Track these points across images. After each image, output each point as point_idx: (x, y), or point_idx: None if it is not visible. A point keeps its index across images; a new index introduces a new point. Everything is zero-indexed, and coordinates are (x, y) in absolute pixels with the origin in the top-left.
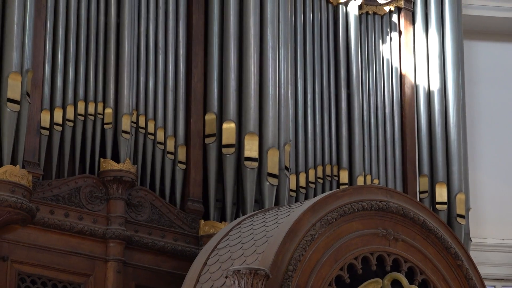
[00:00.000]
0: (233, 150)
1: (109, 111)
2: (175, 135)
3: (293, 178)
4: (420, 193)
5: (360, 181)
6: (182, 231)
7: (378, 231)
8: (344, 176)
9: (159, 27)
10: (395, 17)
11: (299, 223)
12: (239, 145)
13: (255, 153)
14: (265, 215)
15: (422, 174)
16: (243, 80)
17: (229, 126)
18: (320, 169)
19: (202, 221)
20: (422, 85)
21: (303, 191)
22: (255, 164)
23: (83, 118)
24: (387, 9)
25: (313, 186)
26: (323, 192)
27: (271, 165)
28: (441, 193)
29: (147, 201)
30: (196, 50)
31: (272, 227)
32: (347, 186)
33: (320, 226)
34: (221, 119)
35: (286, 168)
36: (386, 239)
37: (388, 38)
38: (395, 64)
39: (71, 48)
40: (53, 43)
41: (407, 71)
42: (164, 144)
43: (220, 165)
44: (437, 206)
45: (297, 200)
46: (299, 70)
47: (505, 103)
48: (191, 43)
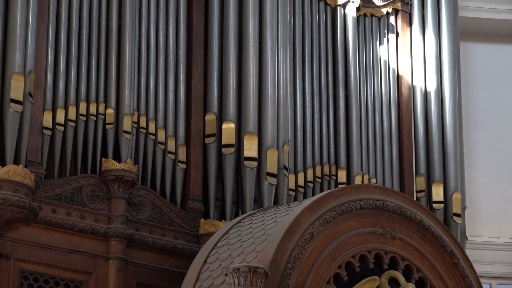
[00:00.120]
0: (232, 150)
1: (110, 111)
2: (175, 135)
3: (291, 178)
4: (417, 192)
5: (357, 180)
6: (183, 230)
7: (375, 229)
8: (342, 176)
9: (159, 28)
10: (392, 19)
11: (297, 222)
12: (239, 145)
13: (254, 153)
14: (264, 214)
15: (419, 173)
16: (243, 81)
17: (228, 126)
18: (318, 169)
19: (202, 220)
20: (419, 85)
21: (301, 190)
22: (255, 164)
23: (85, 118)
24: (384, 11)
25: (311, 185)
26: (321, 191)
27: (270, 164)
28: (437, 192)
29: (148, 200)
30: (196, 51)
31: (271, 225)
32: (345, 185)
33: (318, 224)
34: (221, 119)
35: (285, 168)
36: (383, 238)
37: (385, 39)
38: (393, 65)
39: (73, 49)
40: (56, 45)
41: (404, 72)
42: (165, 144)
43: (220, 165)
44: (434, 205)
45: (295, 199)
46: (298, 71)
47: (500, 103)
48: (191, 44)
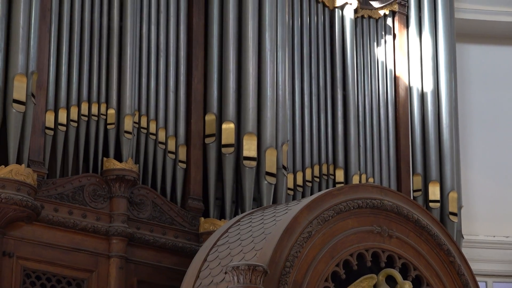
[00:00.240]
0: (232, 149)
1: (112, 111)
2: (176, 135)
3: (290, 177)
4: (414, 191)
5: (355, 180)
6: (183, 228)
7: (373, 228)
8: (340, 175)
9: (160, 30)
10: (389, 21)
11: (296, 220)
12: (238, 145)
13: (253, 153)
14: (263, 213)
15: (415, 173)
16: (242, 82)
17: (228, 127)
18: (316, 168)
19: (202, 219)
20: (416, 86)
21: (300, 189)
22: (254, 164)
23: (86, 119)
24: (382, 13)
25: (310, 184)
26: (319, 190)
27: (269, 164)
28: (434, 192)
29: (148, 199)
30: (196, 52)
31: (270, 224)
32: (343, 184)
33: (316, 223)
34: (220, 119)
35: (284, 167)
36: (380, 236)
37: (382, 41)
38: (390, 66)
39: (75, 51)
40: (58, 46)
41: (401, 73)
42: (165, 144)
43: (219, 164)
44: (430, 204)
45: (294, 198)
46: (296, 72)
47: (496, 104)
48: (191, 45)
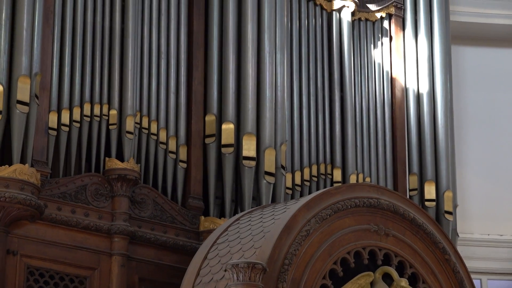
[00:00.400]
0: (232, 149)
1: (113, 112)
2: (176, 135)
3: (289, 177)
4: (410, 190)
5: (352, 179)
6: (183, 227)
7: (369, 227)
8: (337, 175)
9: (161, 32)
10: (386, 23)
11: (294, 219)
12: (238, 145)
13: (253, 153)
14: (262, 211)
15: (411, 172)
16: (242, 83)
17: (228, 127)
18: (314, 168)
19: (202, 217)
20: (412, 88)
21: (298, 188)
22: (253, 163)
23: (89, 119)
24: (378, 15)
25: (308, 184)
26: (317, 189)
27: (268, 164)
28: (429, 191)
29: (150, 198)
30: (196, 54)
31: (269, 223)
32: (340, 184)
33: (314, 222)
34: (220, 120)
35: (282, 167)
36: (377, 235)
37: (379, 43)
38: (386, 68)
39: (77, 52)
40: (61, 48)
41: (398, 75)
42: (166, 144)
43: (219, 164)
44: (426, 203)
45: (292, 197)
46: (295, 73)
47: (490, 105)
48: (191, 47)
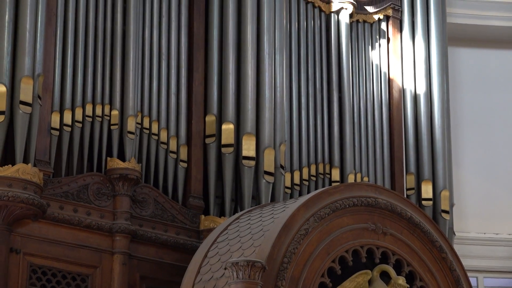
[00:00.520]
0: (231, 149)
1: (115, 113)
2: (177, 135)
3: (288, 176)
4: (407, 190)
5: (351, 178)
6: (184, 226)
7: (367, 225)
8: (335, 174)
9: (162, 34)
10: (383, 25)
11: (293, 218)
12: (237, 145)
13: (252, 153)
14: (261, 210)
15: (409, 172)
16: (241, 84)
17: (228, 127)
18: (313, 168)
19: (203, 216)
20: (409, 88)
21: (297, 188)
22: (252, 163)
23: (91, 120)
24: (376, 17)
25: (306, 183)
26: (316, 189)
27: (267, 163)
28: (426, 190)
29: (151, 197)
30: (197, 55)
31: (268, 222)
32: (338, 183)
33: (313, 221)
34: (220, 120)
35: (282, 167)
36: (375, 233)
37: (377, 44)
38: (384, 69)
39: (80, 54)
40: (63, 49)
41: (395, 76)
42: (167, 144)
43: (219, 164)
44: (423, 202)
45: (291, 196)
46: (293, 74)
47: (486, 105)
48: (192, 49)
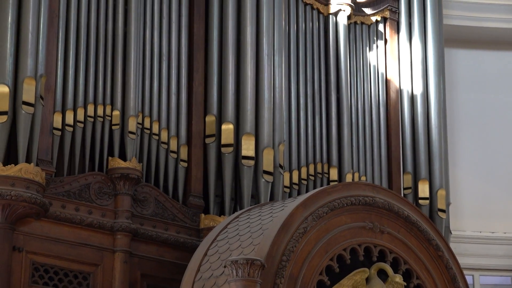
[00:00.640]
0: (231, 149)
1: (116, 113)
2: (177, 135)
3: (286, 175)
4: (404, 189)
5: (348, 178)
6: (184, 224)
7: (365, 224)
8: (334, 174)
9: (163, 35)
10: (381, 27)
11: (292, 217)
12: (237, 144)
13: (251, 152)
14: (260, 209)
15: (406, 171)
16: (241, 85)
17: (227, 127)
18: (311, 167)
19: (203, 215)
20: (406, 89)
21: (296, 187)
22: (252, 163)
23: (92, 120)
24: (373, 19)
25: (305, 182)
26: (314, 188)
27: (267, 163)
28: (423, 189)
29: (151, 196)
30: (197, 56)
31: (267, 220)
32: (336, 182)
33: (311, 219)
34: (220, 120)
35: (280, 166)
36: (372, 232)
37: (374, 46)
38: (381, 70)
39: (81, 55)
40: (65, 50)
41: (392, 77)
42: (168, 143)
43: (219, 163)
44: (420, 201)
45: (290, 195)
46: (292, 75)
47: (482, 106)
48: (192, 50)
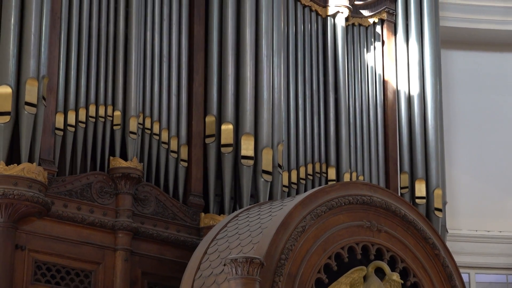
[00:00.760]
0: (231, 149)
1: (117, 113)
2: (178, 135)
3: (285, 175)
4: (401, 188)
5: (346, 177)
6: (184, 223)
7: (362, 223)
8: (332, 173)
9: (163, 37)
10: (378, 28)
11: (291, 216)
12: (237, 144)
13: (251, 152)
14: (260, 208)
15: (403, 171)
16: (240, 85)
17: (227, 127)
18: (310, 167)
19: (203, 214)
20: (403, 90)
21: (294, 186)
22: (251, 162)
23: (94, 120)
24: (371, 21)
25: (303, 182)
26: (312, 187)
27: (266, 163)
28: (420, 189)
29: (152, 195)
30: (197, 57)
31: (266, 219)
32: (334, 182)
33: (310, 218)
34: (220, 121)
35: (279, 166)
36: (370, 231)
37: (372, 47)
38: (379, 71)
39: (83, 56)
40: (67, 52)
41: (390, 78)
42: (168, 143)
43: (219, 163)
44: (417, 201)
45: (289, 195)
46: (291, 76)
47: (478, 106)
48: (192, 51)
